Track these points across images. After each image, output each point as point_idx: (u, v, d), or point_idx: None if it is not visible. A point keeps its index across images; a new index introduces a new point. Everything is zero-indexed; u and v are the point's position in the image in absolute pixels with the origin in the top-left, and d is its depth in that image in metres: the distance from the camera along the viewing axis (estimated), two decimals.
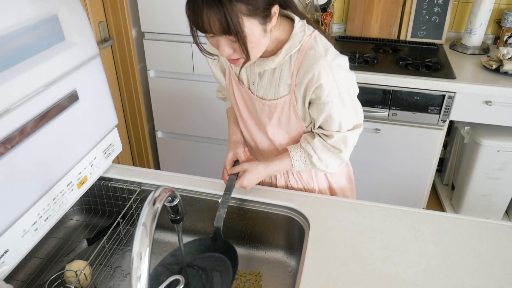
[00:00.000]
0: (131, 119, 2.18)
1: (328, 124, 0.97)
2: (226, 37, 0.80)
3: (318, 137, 1.00)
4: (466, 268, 0.87)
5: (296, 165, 1.03)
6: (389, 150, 1.96)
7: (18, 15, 0.80)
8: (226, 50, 0.83)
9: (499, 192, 2.01)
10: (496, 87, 1.69)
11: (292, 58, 0.93)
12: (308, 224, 0.98)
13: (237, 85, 1.04)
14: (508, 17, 2.00)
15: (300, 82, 0.92)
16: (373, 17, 2.15)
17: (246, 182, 1.02)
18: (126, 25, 1.89)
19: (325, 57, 0.89)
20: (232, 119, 1.17)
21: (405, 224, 0.97)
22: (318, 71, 0.89)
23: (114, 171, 1.15)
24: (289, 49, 0.91)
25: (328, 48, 0.92)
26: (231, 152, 1.09)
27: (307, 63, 0.90)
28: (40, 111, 0.85)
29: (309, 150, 1.00)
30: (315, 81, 0.90)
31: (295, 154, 1.02)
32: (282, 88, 0.96)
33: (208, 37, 0.83)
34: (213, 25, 0.77)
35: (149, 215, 0.62)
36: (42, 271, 1.02)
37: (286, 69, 0.94)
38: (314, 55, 0.90)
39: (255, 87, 1.00)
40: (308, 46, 0.91)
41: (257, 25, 0.81)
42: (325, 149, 1.00)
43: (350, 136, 0.99)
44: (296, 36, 0.91)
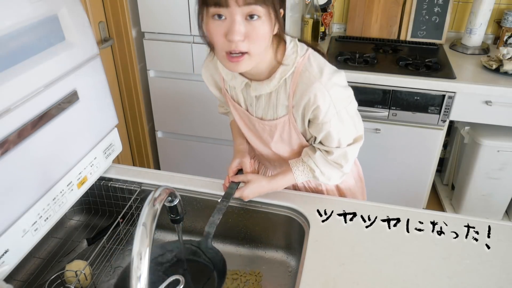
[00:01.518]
0: (131, 119, 2.18)
1: (328, 141, 0.97)
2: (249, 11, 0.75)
3: (319, 151, 1.00)
4: (466, 268, 0.87)
5: (299, 179, 1.03)
6: (389, 150, 1.96)
7: (18, 15, 0.80)
8: (241, 29, 0.76)
9: (499, 192, 2.01)
10: (496, 87, 1.69)
11: (287, 81, 0.91)
12: (308, 224, 0.98)
13: (234, 106, 1.04)
14: (508, 17, 2.00)
15: (297, 104, 0.92)
16: (373, 17, 2.15)
17: (247, 193, 1.01)
18: (126, 25, 1.89)
19: (320, 79, 0.88)
20: (237, 131, 1.16)
21: (405, 224, 0.97)
22: (314, 93, 0.88)
23: (114, 171, 1.15)
24: (283, 72, 0.90)
25: (323, 67, 0.90)
26: (237, 160, 1.08)
27: (302, 86, 0.89)
28: (40, 111, 0.85)
29: (311, 164, 1.00)
30: (312, 103, 0.89)
31: (297, 169, 1.02)
32: (280, 109, 0.96)
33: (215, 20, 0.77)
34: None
35: (149, 215, 0.62)
36: (42, 271, 1.02)
37: (282, 91, 0.93)
38: (309, 77, 0.88)
39: (253, 108, 1.00)
40: (302, 68, 0.89)
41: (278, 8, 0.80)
42: (327, 163, 1.00)
43: (350, 151, 0.99)
44: (289, 58, 0.89)
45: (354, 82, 1.79)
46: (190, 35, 1.93)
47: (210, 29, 0.79)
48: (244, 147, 1.12)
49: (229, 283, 1.03)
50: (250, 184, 1.01)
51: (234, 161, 1.08)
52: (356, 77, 1.79)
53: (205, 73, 1.08)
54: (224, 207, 0.97)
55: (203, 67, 1.08)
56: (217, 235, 1.12)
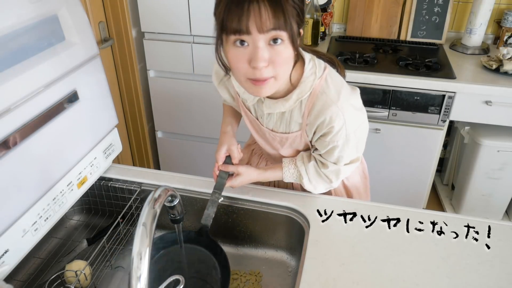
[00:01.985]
0: (131, 119, 2.18)
1: (327, 155, 0.97)
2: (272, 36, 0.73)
3: (314, 162, 1.00)
4: (466, 268, 0.87)
5: (287, 179, 1.04)
6: (389, 150, 1.96)
7: (18, 15, 0.80)
8: (265, 55, 0.74)
9: (499, 192, 2.01)
10: (496, 87, 1.69)
11: (303, 102, 0.91)
12: (308, 224, 0.98)
13: (245, 112, 1.03)
14: (508, 17, 2.00)
15: (311, 124, 0.92)
16: (373, 17, 2.15)
17: (237, 183, 1.01)
18: (126, 25, 1.89)
19: (337, 102, 0.87)
20: (229, 111, 1.14)
21: (405, 224, 0.97)
22: (330, 116, 0.88)
23: (114, 171, 1.15)
24: (299, 94, 0.89)
25: (340, 89, 0.89)
26: (225, 146, 1.04)
27: (318, 108, 0.89)
28: (40, 111, 0.85)
29: (302, 171, 1.01)
30: (327, 124, 0.89)
31: (288, 170, 1.03)
32: (293, 125, 0.96)
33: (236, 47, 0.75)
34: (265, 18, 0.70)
35: (149, 215, 0.62)
36: (42, 271, 1.02)
37: (296, 110, 0.93)
38: (326, 100, 0.88)
39: (263, 120, 1.00)
40: (319, 90, 0.88)
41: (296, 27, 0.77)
42: (317, 175, 1.01)
43: (344, 170, 1.00)
44: (306, 80, 0.88)
45: (354, 82, 1.79)
46: (190, 35, 1.93)
47: (232, 56, 0.77)
48: (231, 129, 1.09)
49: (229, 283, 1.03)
50: (240, 176, 1.01)
51: (222, 147, 1.03)
52: (356, 77, 1.79)
53: (216, 79, 1.07)
54: (217, 199, 0.97)
55: (214, 72, 1.07)
56: (217, 235, 1.12)
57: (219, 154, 1.03)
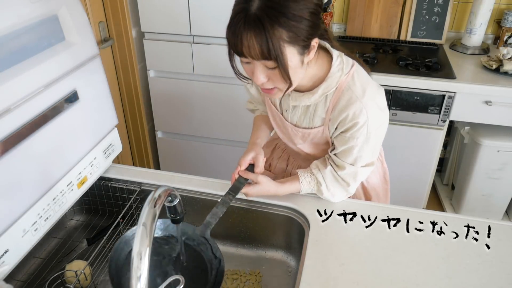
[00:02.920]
0: (131, 119, 2.18)
1: (345, 156, 0.97)
2: (264, 63, 0.78)
3: (330, 167, 1.00)
4: (466, 268, 0.87)
5: (304, 190, 1.03)
6: (389, 150, 1.96)
7: (18, 15, 0.80)
8: (261, 78, 0.81)
9: (499, 192, 2.01)
10: (496, 87, 1.69)
11: (328, 97, 0.92)
12: (308, 224, 0.98)
13: (270, 108, 1.04)
14: (508, 17, 2.00)
15: (334, 119, 0.93)
16: (373, 17, 2.14)
17: (253, 192, 0.99)
18: (126, 25, 1.89)
19: (362, 99, 0.88)
20: (260, 126, 1.15)
21: (405, 224, 0.97)
22: (354, 112, 0.89)
23: (114, 171, 1.15)
24: (325, 89, 0.90)
25: (366, 87, 0.90)
26: (252, 153, 1.03)
27: (343, 103, 0.90)
28: (40, 111, 0.85)
29: (319, 177, 1.00)
30: (350, 119, 0.90)
31: (305, 179, 1.02)
32: (316, 120, 0.97)
33: (243, 62, 0.82)
34: (253, 49, 0.75)
35: (149, 215, 0.62)
36: (42, 271, 1.02)
37: (321, 105, 0.94)
38: (351, 96, 0.89)
39: (288, 114, 1.01)
40: (345, 86, 0.90)
41: (296, 55, 0.79)
42: (334, 180, 1.00)
43: (361, 173, 0.99)
44: (333, 76, 0.90)
45: None
46: (190, 35, 1.93)
47: (242, 66, 0.84)
48: (260, 142, 1.10)
49: (229, 283, 1.03)
50: (258, 185, 0.99)
51: (249, 153, 1.03)
52: None
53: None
54: (230, 200, 0.95)
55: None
56: (217, 235, 1.12)
57: (244, 159, 1.02)
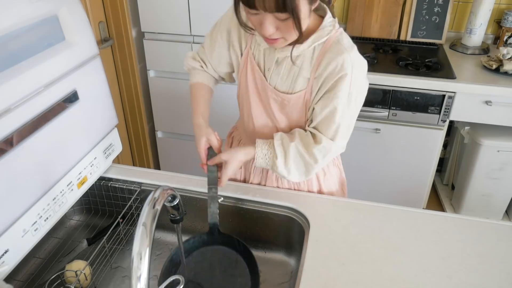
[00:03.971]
0: (131, 119, 2.18)
1: (326, 126, 0.94)
2: (275, 15, 0.78)
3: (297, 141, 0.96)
4: (466, 268, 0.87)
5: (258, 163, 0.98)
6: (389, 150, 1.96)
7: (18, 15, 0.80)
8: (270, 29, 0.81)
9: (499, 192, 2.01)
10: (496, 87, 1.69)
11: (316, 50, 0.92)
12: (308, 224, 0.98)
13: (253, 67, 1.00)
14: (508, 17, 2.00)
15: (320, 75, 0.91)
16: (373, 17, 2.15)
17: (230, 172, 0.95)
18: (126, 25, 1.89)
19: (350, 52, 0.89)
20: (202, 95, 1.07)
21: (405, 224, 0.97)
22: (342, 63, 0.88)
23: (114, 171, 1.15)
24: (316, 38, 0.90)
25: (353, 46, 0.91)
26: (203, 138, 0.98)
27: (330, 55, 0.89)
28: (40, 111, 0.85)
29: (278, 151, 0.96)
30: (338, 71, 0.88)
31: (261, 150, 0.97)
32: (299, 81, 0.95)
33: (250, 14, 0.81)
34: (267, 1, 0.75)
35: (149, 215, 0.62)
36: (42, 271, 1.02)
37: (307, 60, 0.93)
38: (339, 48, 0.89)
39: (270, 73, 0.98)
40: (334, 39, 0.91)
41: (306, 4, 0.79)
42: (298, 156, 0.96)
43: (333, 151, 0.96)
44: (325, 28, 0.90)
45: None
46: (190, 35, 1.93)
47: (247, 18, 0.84)
48: (204, 120, 1.02)
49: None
50: (229, 164, 0.95)
51: (200, 141, 0.98)
52: None
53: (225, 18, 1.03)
54: (216, 194, 0.94)
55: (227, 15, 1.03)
56: None
57: (200, 149, 0.98)
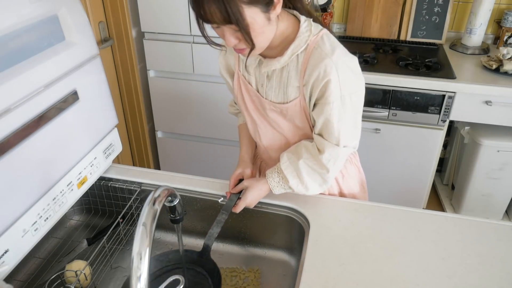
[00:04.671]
0: (131, 119, 2.18)
1: (328, 131, 0.94)
2: (229, 26, 0.79)
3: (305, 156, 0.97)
4: (466, 268, 0.87)
5: (276, 191, 1.01)
6: (389, 150, 1.96)
7: (18, 15, 0.80)
8: (232, 40, 0.83)
9: (499, 192, 2.01)
10: (496, 87, 1.69)
11: (299, 58, 0.91)
12: (308, 224, 0.98)
13: (246, 87, 1.02)
14: (508, 17, 2.00)
15: (307, 82, 0.91)
16: (373, 17, 2.14)
17: (249, 199, 1.00)
18: (126, 25, 1.89)
19: (331, 56, 0.87)
20: (245, 136, 1.16)
21: (405, 224, 0.97)
22: (324, 69, 0.87)
23: (114, 171, 1.15)
24: (295, 48, 0.90)
25: (336, 47, 0.90)
26: (240, 169, 1.09)
27: (312, 62, 0.89)
28: (40, 111, 0.85)
29: (287, 173, 0.98)
30: (322, 78, 0.88)
31: (273, 180, 1.00)
32: (290, 90, 0.95)
33: (214, 27, 0.83)
34: (215, 15, 0.77)
35: (149, 215, 0.62)
36: (42, 271, 1.02)
37: (293, 69, 0.93)
38: (320, 54, 0.88)
39: (264, 89, 0.99)
40: (314, 45, 0.90)
41: (259, 13, 0.79)
42: (311, 170, 0.97)
43: (342, 155, 0.96)
44: (302, 36, 0.90)
45: None
46: (190, 35, 1.93)
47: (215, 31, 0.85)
48: (248, 157, 1.13)
49: (228, 281, 1.03)
50: (249, 190, 1.00)
51: (237, 170, 1.09)
52: None
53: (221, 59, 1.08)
54: (223, 219, 0.97)
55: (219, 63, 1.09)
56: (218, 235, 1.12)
57: (232, 176, 1.08)
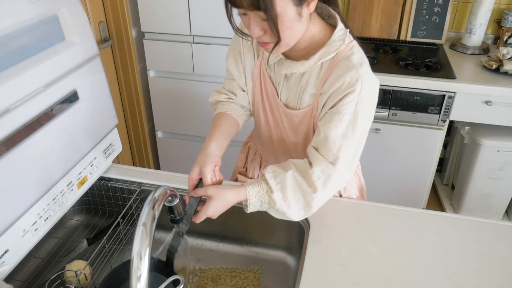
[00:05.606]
0: (131, 119, 2.18)
1: (326, 146, 0.85)
2: (257, 14, 0.75)
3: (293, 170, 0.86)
4: (466, 268, 0.87)
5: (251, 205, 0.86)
6: (389, 150, 1.96)
7: (18, 15, 0.80)
8: (256, 31, 0.78)
9: (499, 192, 2.01)
10: (496, 87, 1.69)
11: (324, 65, 0.87)
12: (308, 224, 0.98)
13: (265, 80, 0.98)
14: (508, 17, 2.00)
15: (326, 91, 0.87)
16: (373, 17, 2.14)
17: (211, 211, 0.83)
18: (126, 25, 1.89)
19: (359, 69, 0.83)
20: (222, 126, 1.00)
21: (405, 224, 0.97)
22: (349, 80, 0.83)
23: (114, 171, 1.15)
24: (323, 55, 0.86)
25: (364, 62, 0.86)
26: (197, 168, 0.88)
27: (338, 72, 0.85)
28: (40, 111, 0.85)
29: (271, 183, 0.85)
30: (344, 89, 0.83)
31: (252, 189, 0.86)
32: (305, 97, 0.92)
33: (240, 14, 0.79)
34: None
35: (149, 215, 0.62)
36: (42, 271, 1.02)
37: (314, 76, 0.89)
38: (348, 65, 0.84)
39: (280, 88, 0.96)
40: (343, 55, 0.85)
41: (291, 5, 0.75)
42: (296, 185, 0.85)
43: (334, 180, 0.86)
44: (333, 43, 0.86)
45: None
46: (190, 35, 1.93)
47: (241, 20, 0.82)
48: (215, 148, 0.92)
49: (228, 280, 1.03)
50: (213, 201, 0.83)
51: (194, 169, 0.88)
52: None
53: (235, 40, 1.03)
54: (183, 230, 0.84)
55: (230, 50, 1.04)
56: (217, 235, 1.12)
57: (190, 178, 0.88)
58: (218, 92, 1.10)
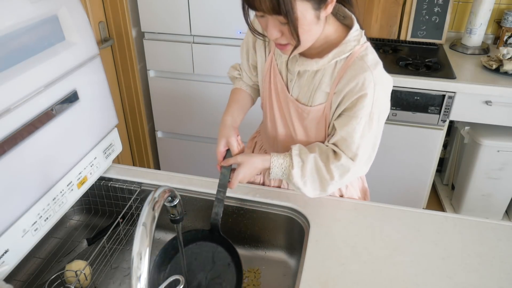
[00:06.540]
0: (131, 119, 2.18)
1: (346, 145, 0.91)
2: (276, 17, 0.76)
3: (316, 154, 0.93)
4: (466, 268, 0.87)
5: (273, 173, 0.95)
6: (389, 150, 1.96)
7: (18, 15, 0.80)
8: (274, 33, 0.79)
9: (499, 192, 2.01)
10: (496, 87, 1.69)
11: (338, 65, 0.88)
12: (308, 224, 0.98)
13: (275, 76, 0.99)
14: (508, 17, 2.00)
15: (340, 91, 0.88)
16: (373, 17, 2.14)
17: (241, 176, 0.93)
18: (126, 25, 1.89)
19: (373, 70, 0.85)
20: (236, 100, 1.08)
21: (405, 224, 0.97)
22: (363, 81, 0.84)
23: (114, 171, 1.15)
24: (337, 54, 0.87)
25: (378, 62, 0.88)
26: (223, 140, 0.97)
27: (352, 72, 0.86)
28: (40, 111, 0.85)
29: (295, 161, 0.92)
30: (358, 90, 0.85)
31: (277, 160, 0.94)
32: (318, 95, 0.92)
33: (258, 16, 0.80)
34: (263, 3, 0.73)
35: (149, 215, 0.62)
36: (42, 271, 1.02)
37: (328, 74, 0.90)
38: (362, 65, 0.85)
39: (292, 84, 0.96)
40: (358, 55, 0.87)
41: (310, 10, 0.76)
42: (315, 169, 0.93)
43: (352, 173, 0.93)
44: (348, 43, 0.87)
45: None
46: (190, 35, 1.93)
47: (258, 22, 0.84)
48: (232, 120, 1.01)
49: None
50: (242, 167, 0.92)
51: (220, 142, 0.97)
52: None
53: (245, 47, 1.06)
54: (223, 197, 0.93)
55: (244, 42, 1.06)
56: None
57: (218, 150, 0.97)
58: (234, 68, 1.16)
